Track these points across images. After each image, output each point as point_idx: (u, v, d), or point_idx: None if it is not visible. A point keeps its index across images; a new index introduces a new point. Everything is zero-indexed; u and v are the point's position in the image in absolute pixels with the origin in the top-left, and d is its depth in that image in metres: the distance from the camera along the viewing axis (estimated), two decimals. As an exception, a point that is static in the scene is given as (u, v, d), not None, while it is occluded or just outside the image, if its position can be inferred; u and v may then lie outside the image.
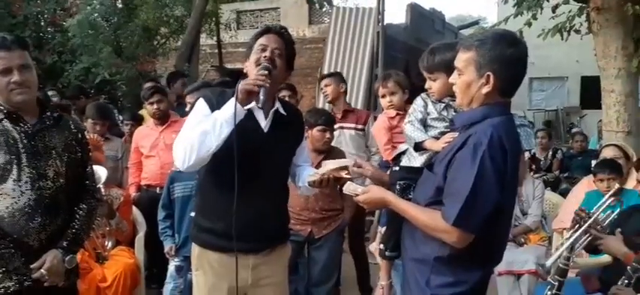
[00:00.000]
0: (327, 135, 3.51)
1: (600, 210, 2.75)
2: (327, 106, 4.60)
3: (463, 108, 1.91)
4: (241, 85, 2.02)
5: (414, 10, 14.29)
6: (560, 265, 2.43)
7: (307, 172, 2.28)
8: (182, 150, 2.02)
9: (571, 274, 3.32)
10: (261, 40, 2.17)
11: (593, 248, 2.72)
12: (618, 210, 2.79)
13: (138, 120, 5.12)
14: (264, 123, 2.17)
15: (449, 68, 1.94)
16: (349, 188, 2.07)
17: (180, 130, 2.15)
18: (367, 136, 4.22)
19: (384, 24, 11.90)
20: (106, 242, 3.54)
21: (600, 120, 6.59)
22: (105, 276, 3.31)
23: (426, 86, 2.21)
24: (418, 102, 2.29)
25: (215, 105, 2.09)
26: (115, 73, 8.93)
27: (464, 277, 1.86)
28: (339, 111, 4.24)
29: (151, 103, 4.25)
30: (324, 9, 14.31)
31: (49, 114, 2.19)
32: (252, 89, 2.01)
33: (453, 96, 2.01)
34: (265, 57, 2.12)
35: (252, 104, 2.05)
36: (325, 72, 12.16)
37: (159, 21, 9.71)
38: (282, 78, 2.24)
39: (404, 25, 14.02)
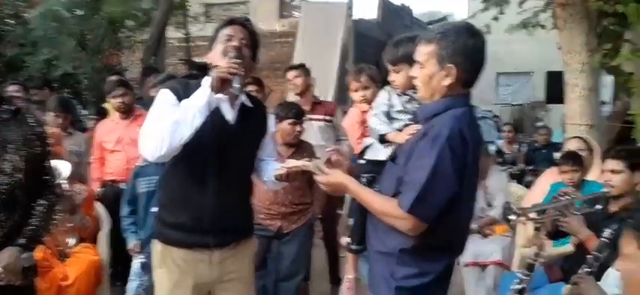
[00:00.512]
0: (298, 128, 3.51)
1: (583, 197, 2.84)
2: (294, 99, 4.58)
3: (425, 100, 1.91)
4: (215, 73, 1.99)
5: (385, 6, 14.36)
6: (529, 260, 2.48)
7: (272, 166, 2.26)
8: (152, 140, 1.97)
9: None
10: (226, 31, 2.14)
11: (555, 230, 2.78)
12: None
13: (102, 114, 5.01)
14: (230, 115, 2.13)
15: (413, 60, 1.94)
16: (314, 165, 2.06)
17: None
18: (337, 127, 4.21)
19: (355, 19, 11.93)
20: (68, 239, 3.44)
21: (564, 114, 6.75)
22: (67, 274, 3.22)
23: (390, 79, 2.22)
24: (382, 95, 2.30)
25: (181, 95, 2.05)
26: (78, 66, 8.71)
27: (428, 268, 1.87)
28: (307, 104, 4.22)
29: (115, 97, 4.16)
30: (294, 3, 14.23)
31: (5, 107, 2.11)
32: (226, 76, 1.99)
33: (416, 88, 2.01)
34: (232, 46, 2.09)
35: (221, 95, 2.03)
36: (295, 66, 12.13)
37: (125, 13, 9.50)
38: (248, 70, 2.22)
39: (374, 20, 14.07)
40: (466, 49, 1.78)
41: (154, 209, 2.38)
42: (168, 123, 1.95)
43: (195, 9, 12.10)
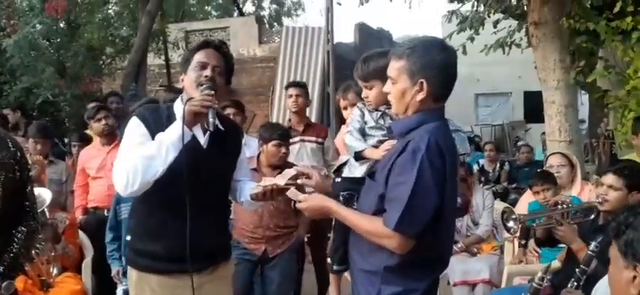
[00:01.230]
0: (283, 150, 3.44)
1: (578, 207, 2.88)
2: (286, 115, 4.57)
3: (399, 116, 1.92)
4: (188, 107, 1.95)
5: (362, 30, 14.52)
6: (535, 285, 2.49)
7: (249, 187, 2.23)
8: (124, 175, 1.92)
9: (523, 280, 3.41)
10: (200, 57, 2.09)
11: (548, 236, 2.79)
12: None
13: (86, 141, 4.95)
14: (203, 139, 2.10)
15: (384, 76, 1.94)
16: (292, 192, 2.05)
17: None
18: (326, 150, 4.21)
19: (334, 43, 12.04)
20: (51, 269, 3.36)
21: (543, 133, 6.86)
22: (49, 305, 3.14)
23: (363, 95, 2.23)
24: (356, 112, 2.31)
25: (150, 123, 2.03)
26: (58, 93, 8.62)
27: (413, 285, 1.86)
28: (301, 124, 4.21)
29: (98, 120, 4.14)
30: (274, 28, 14.33)
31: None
32: (201, 111, 1.96)
33: (389, 104, 2.01)
34: (206, 77, 2.05)
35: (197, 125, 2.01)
36: (277, 91, 12.18)
37: (104, 40, 9.46)
38: (222, 97, 2.18)
39: (353, 44, 14.21)
40: (435, 63, 1.80)
41: (128, 237, 2.32)
42: (141, 158, 1.91)
43: (175, 35, 12.11)
